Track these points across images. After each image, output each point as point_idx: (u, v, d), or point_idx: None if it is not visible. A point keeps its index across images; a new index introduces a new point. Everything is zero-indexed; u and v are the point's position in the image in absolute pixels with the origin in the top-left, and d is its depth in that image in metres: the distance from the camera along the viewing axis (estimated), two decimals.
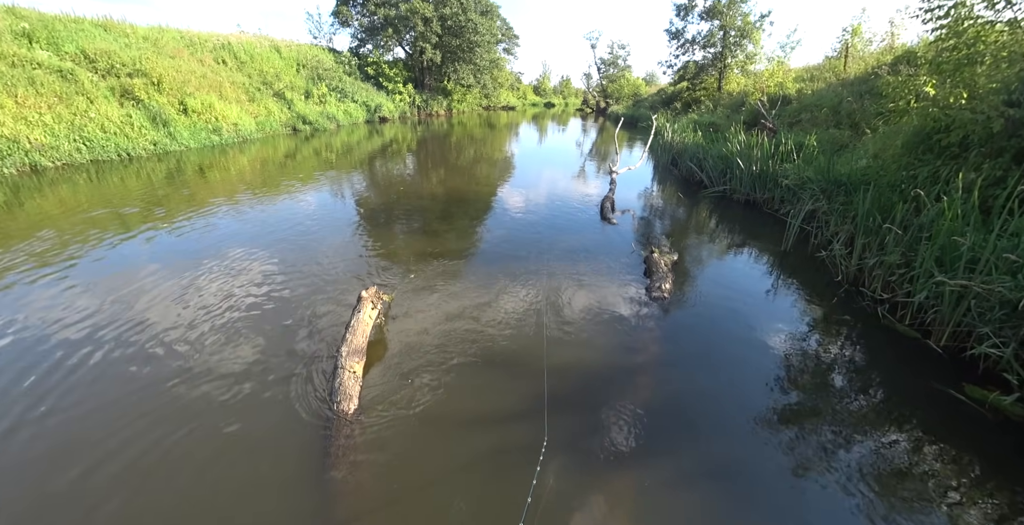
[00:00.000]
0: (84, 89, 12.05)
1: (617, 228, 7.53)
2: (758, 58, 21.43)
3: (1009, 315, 3.38)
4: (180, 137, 13.47)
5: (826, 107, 10.69)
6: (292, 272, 5.21)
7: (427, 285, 4.99)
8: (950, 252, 4.08)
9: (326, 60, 25.61)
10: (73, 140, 10.93)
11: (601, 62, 49.59)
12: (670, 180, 12.13)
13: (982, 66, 5.17)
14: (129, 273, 5.05)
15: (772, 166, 8.45)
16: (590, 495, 2.50)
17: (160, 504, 2.38)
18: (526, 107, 56.32)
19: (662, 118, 18.69)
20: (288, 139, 17.43)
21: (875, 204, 5.34)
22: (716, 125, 13.77)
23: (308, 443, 2.77)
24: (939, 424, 3.13)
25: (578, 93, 69.91)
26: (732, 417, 3.17)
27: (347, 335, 3.44)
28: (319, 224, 7.13)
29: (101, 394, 3.15)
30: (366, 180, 11.26)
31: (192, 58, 17.49)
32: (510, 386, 3.38)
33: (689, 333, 4.30)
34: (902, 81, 6.53)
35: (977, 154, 4.83)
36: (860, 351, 4.08)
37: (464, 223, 7.58)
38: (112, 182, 9.41)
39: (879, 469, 2.72)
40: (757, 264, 6.20)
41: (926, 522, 2.38)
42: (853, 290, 5.05)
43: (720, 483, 2.63)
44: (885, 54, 12.37)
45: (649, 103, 32.94)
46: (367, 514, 2.37)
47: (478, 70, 35.08)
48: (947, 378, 3.53)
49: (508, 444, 2.84)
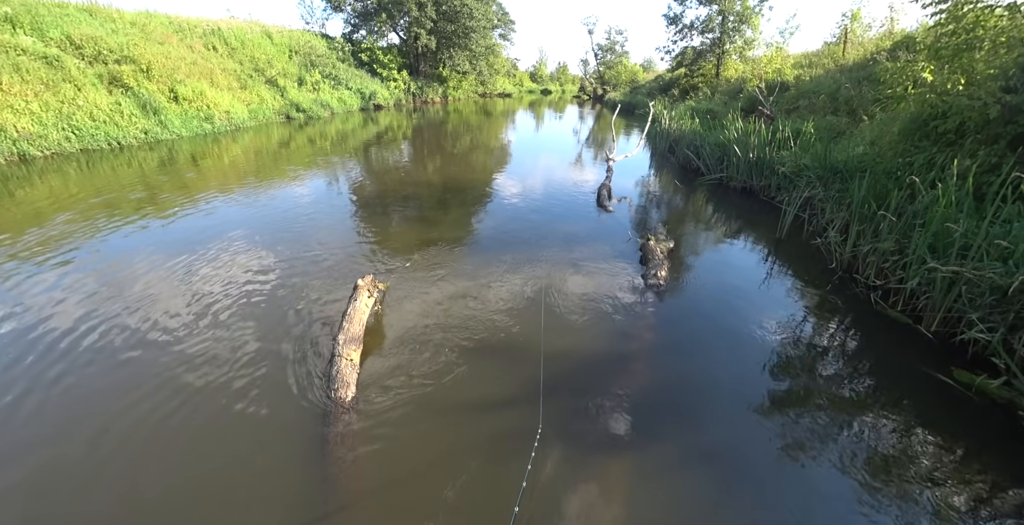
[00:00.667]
0: (71, 76, 11.80)
1: (614, 216, 7.53)
2: (757, 44, 21.20)
3: (999, 300, 3.42)
4: (171, 125, 13.27)
5: (824, 94, 10.62)
6: (288, 260, 5.20)
7: (424, 273, 4.99)
8: (943, 239, 4.10)
9: (319, 46, 25.14)
10: (62, 129, 10.75)
11: (598, 48, 48.96)
12: (667, 167, 12.09)
13: (980, 52, 5.14)
14: (125, 262, 5.02)
15: (769, 153, 8.43)
16: (583, 479, 2.55)
17: (155, 487, 2.41)
18: (523, 94, 55.68)
19: (659, 105, 18.53)
20: (282, 127, 17.21)
21: (871, 191, 5.35)
22: (714, 112, 13.68)
23: (306, 430, 2.79)
24: (927, 408, 3.19)
25: (575, 80, 69.09)
26: (725, 402, 3.22)
27: (344, 323, 3.45)
28: (315, 213, 7.09)
29: (94, 377, 3.15)
30: (362, 168, 11.17)
31: (181, 44, 17.13)
32: (506, 372, 3.41)
33: (684, 320, 4.34)
34: (900, 67, 6.48)
35: (973, 141, 4.83)
36: (852, 337, 4.13)
37: (460, 211, 7.55)
38: (103, 171, 9.29)
39: (868, 452, 2.78)
40: (752, 252, 6.23)
41: (912, 502, 2.44)
42: (847, 277, 5.09)
43: (712, 466, 2.67)
44: (884, 40, 12.25)
45: (646, 90, 32.60)
46: (364, 499, 2.41)
47: (474, 56, 34.55)
48: (937, 363, 3.58)
49: (504, 429, 2.88)
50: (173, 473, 2.50)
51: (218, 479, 2.48)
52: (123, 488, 2.41)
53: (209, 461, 2.58)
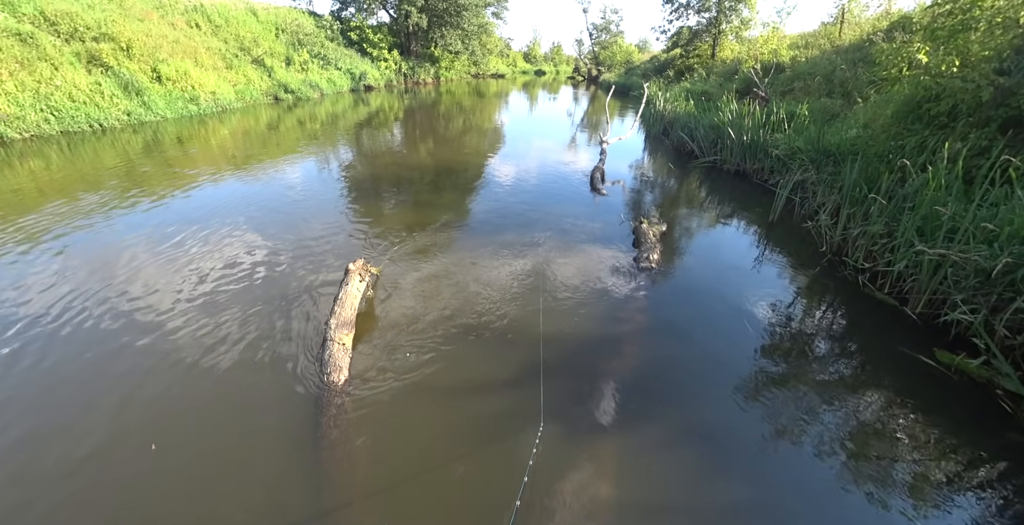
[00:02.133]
0: (47, 54, 11.37)
1: (607, 199, 7.51)
2: (753, 24, 20.87)
3: (983, 283, 3.48)
4: (155, 107, 12.90)
5: (819, 75, 10.53)
6: (279, 244, 5.15)
7: (416, 256, 4.97)
8: (931, 222, 4.14)
9: (306, 24, 24.35)
10: (40, 110, 10.41)
11: (593, 28, 47.92)
12: (661, 150, 12.02)
13: (976, 33, 5.09)
14: (112, 246, 4.94)
15: (763, 136, 8.40)
16: (582, 466, 2.57)
17: (144, 470, 2.43)
18: (516, 75, 54.65)
19: (654, 86, 18.28)
20: (270, 109, 16.81)
21: (862, 174, 5.36)
22: (708, 94, 13.53)
23: (297, 414, 2.80)
24: (910, 387, 3.27)
25: (569, 60, 67.86)
26: (714, 383, 3.28)
27: (335, 308, 3.44)
28: (306, 196, 7.00)
29: (78, 360, 3.14)
30: (353, 151, 10.99)
31: (163, 21, 16.52)
32: (502, 357, 3.43)
33: (675, 302, 4.38)
34: (896, 48, 6.42)
35: (964, 124, 4.84)
36: (839, 319, 4.20)
37: (453, 194, 7.49)
38: (85, 154, 9.06)
39: (850, 430, 2.86)
40: (744, 235, 6.26)
41: (893, 477, 2.53)
42: (836, 260, 5.14)
43: (703, 446, 2.74)
44: (881, 20, 12.10)
45: (642, 71, 32.13)
46: (357, 484, 2.42)
47: (466, 35, 33.69)
48: (920, 343, 3.66)
49: (502, 414, 2.90)
50: (164, 452, 2.52)
51: (206, 466, 2.48)
52: (107, 473, 2.43)
53: (195, 447, 2.58)
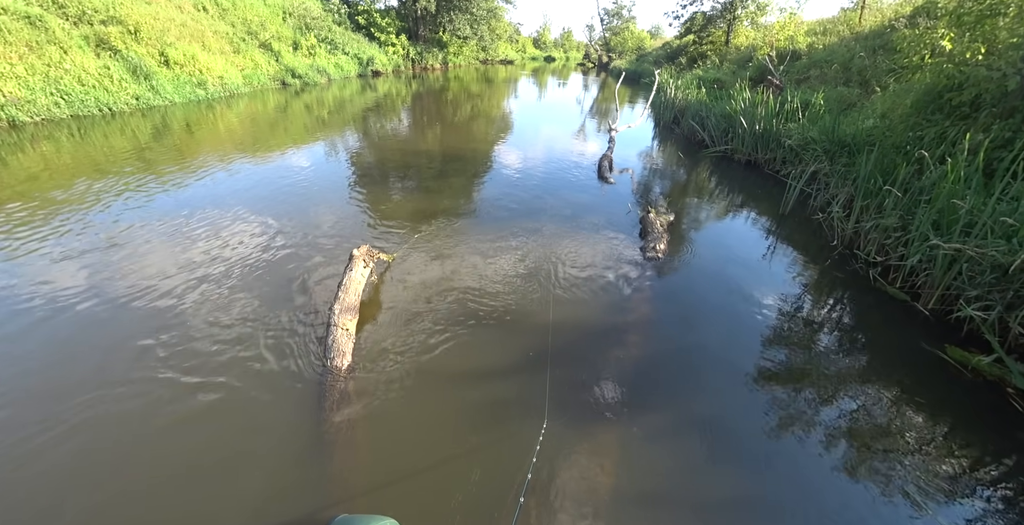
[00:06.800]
0: (56, 38, 11.35)
1: (615, 188, 7.42)
2: (770, 9, 20.28)
3: (999, 279, 3.40)
4: (164, 91, 12.88)
5: (836, 63, 10.24)
6: (287, 229, 5.15)
7: (423, 243, 4.96)
8: (948, 215, 4.04)
9: (314, 8, 24.06)
10: (50, 94, 10.43)
11: (604, 13, 47.06)
12: (671, 139, 11.83)
13: (1005, 18, 4.90)
14: (120, 230, 4.97)
15: (776, 125, 8.21)
16: (586, 463, 2.55)
17: (145, 455, 2.46)
18: (525, 61, 53.87)
19: (665, 73, 17.91)
20: (277, 94, 16.74)
21: (877, 166, 5.23)
22: (721, 82, 13.23)
23: (301, 399, 2.82)
24: (918, 383, 3.22)
25: (580, 46, 66.78)
26: (720, 375, 3.25)
27: (339, 293, 3.44)
28: (313, 182, 6.98)
29: (88, 344, 3.19)
30: (361, 137, 10.93)
31: (170, 4, 16.38)
32: (507, 346, 3.42)
33: (682, 293, 4.33)
34: (918, 35, 6.21)
35: (988, 114, 4.68)
36: (849, 313, 4.14)
37: (461, 181, 7.43)
38: (96, 138, 9.09)
39: (857, 425, 2.83)
40: (754, 226, 6.16)
41: (899, 472, 2.51)
42: (847, 253, 5.05)
43: (709, 440, 2.72)
44: (904, 5, 11.69)
45: (653, 58, 31.49)
46: (359, 478, 2.42)
47: (475, 20, 33.15)
48: (932, 339, 3.60)
49: (506, 403, 2.91)
50: (164, 439, 2.55)
51: (212, 451, 2.50)
52: (109, 458, 2.47)
53: (200, 431, 2.60)
